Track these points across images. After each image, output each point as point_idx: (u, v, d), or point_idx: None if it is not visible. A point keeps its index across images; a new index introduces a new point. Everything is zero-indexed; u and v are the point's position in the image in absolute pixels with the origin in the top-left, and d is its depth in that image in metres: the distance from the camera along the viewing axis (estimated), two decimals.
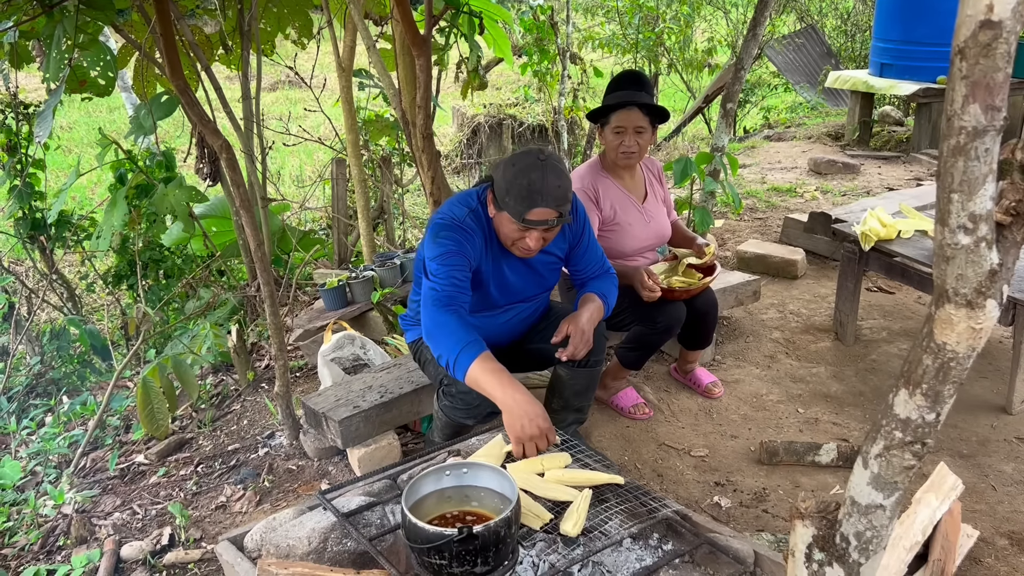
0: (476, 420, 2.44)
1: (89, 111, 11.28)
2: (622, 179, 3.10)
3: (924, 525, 2.25)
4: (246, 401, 3.52)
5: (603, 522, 1.95)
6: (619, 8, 8.11)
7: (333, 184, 5.22)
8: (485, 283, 2.44)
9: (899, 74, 6.61)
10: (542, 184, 2.16)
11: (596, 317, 2.47)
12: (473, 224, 2.34)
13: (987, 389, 3.30)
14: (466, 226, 2.32)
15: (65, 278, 5.08)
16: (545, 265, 2.53)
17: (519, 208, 2.18)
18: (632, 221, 3.06)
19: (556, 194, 2.18)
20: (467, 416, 2.43)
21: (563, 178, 2.21)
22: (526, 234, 2.25)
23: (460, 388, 2.38)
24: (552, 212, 2.19)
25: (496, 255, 2.42)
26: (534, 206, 2.17)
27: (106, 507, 2.83)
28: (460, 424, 2.48)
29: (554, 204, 2.18)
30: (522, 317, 2.61)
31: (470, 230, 2.32)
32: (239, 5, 3.73)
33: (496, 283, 2.46)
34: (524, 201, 2.17)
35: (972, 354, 1.15)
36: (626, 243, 3.07)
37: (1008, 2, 0.93)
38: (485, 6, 3.97)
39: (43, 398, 4.11)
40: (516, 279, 2.49)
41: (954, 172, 1.04)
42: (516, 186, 2.18)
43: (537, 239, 2.26)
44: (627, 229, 3.05)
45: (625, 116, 2.89)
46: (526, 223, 2.20)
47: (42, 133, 2.56)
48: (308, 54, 4.89)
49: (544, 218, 2.20)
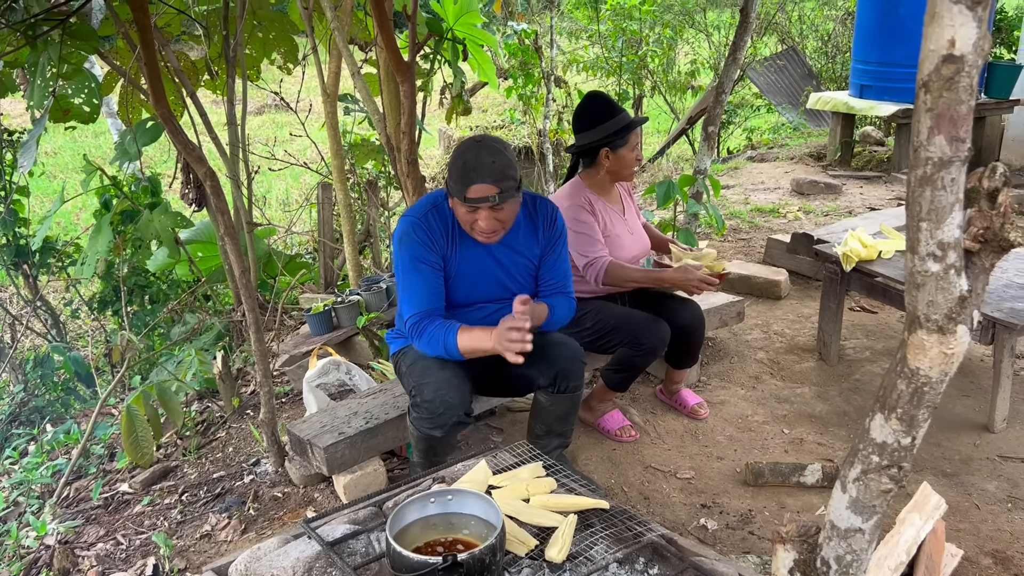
0: (443, 430, 2.42)
1: (74, 136, 11.27)
2: (606, 194, 3.15)
3: (908, 545, 2.26)
4: (231, 428, 3.50)
5: (589, 547, 1.95)
6: (602, 32, 8.20)
7: (319, 208, 5.24)
8: (453, 275, 2.51)
9: (878, 95, 6.70)
10: (476, 161, 2.28)
11: (540, 316, 2.52)
12: (433, 220, 2.46)
13: (969, 408, 3.33)
14: (425, 222, 2.44)
15: (49, 305, 5.06)
16: (516, 265, 2.57)
17: (459, 188, 2.30)
18: (620, 233, 3.13)
19: (491, 169, 2.27)
20: (433, 427, 2.42)
21: (498, 155, 2.30)
22: (476, 215, 2.34)
23: (424, 397, 2.42)
24: (491, 188, 2.28)
25: (463, 247, 2.50)
26: (471, 183, 2.28)
27: (89, 537, 2.80)
28: (429, 436, 2.47)
29: (490, 179, 2.27)
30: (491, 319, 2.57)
31: (427, 227, 2.44)
32: (225, 31, 3.75)
33: (465, 275, 2.52)
34: (462, 180, 2.29)
35: (945, 379, 1.17)
36: (619, 255, 3.11)
37: (969, 37, 0.96)
38: (469, 31, 4.01)
39: (26, 427, 4.08)
40: (485, 273, 2.54)
41: (922, 201, 1.06)
42: (454, 168, 2.32)
43: (487, 218, 2.34)
44: (617, 241, 3.11)
45: (637, 133, 3.06)
46: (468, 201, 2.30)
47: (26, 163, 2.56)
48: (294, 77, 4.92)
49: (483, 194, 2.28)
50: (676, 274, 2.99)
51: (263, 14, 3.90)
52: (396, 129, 3.64)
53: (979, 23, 0.95)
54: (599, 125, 3.01)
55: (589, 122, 3.04)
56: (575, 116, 3.11)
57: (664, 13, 9.21)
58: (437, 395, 2.40)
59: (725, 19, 10.85)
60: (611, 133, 3.00)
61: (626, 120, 3.02)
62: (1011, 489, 2.80)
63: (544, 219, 2.60)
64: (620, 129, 3.00)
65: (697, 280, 2.96)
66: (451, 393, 2.41)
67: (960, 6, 0.94)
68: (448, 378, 2.43)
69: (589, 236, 3.02)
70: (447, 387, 2.41)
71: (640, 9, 7.85)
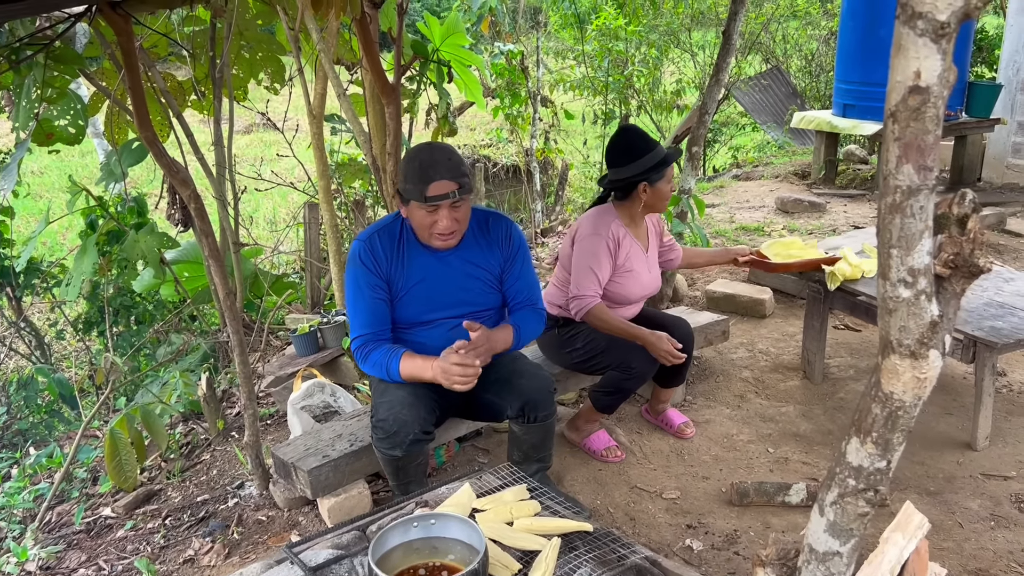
0: (402, 449, 2.41)
1: (61, 156, 11.24)
2: (634, 229, 3.16)
3: (892, 565, 2.26)
4: (216, 450, 3.48)
5: (572, 571, 1.94)
6: (589, 52, 8.27)
7: (306, 228, 5.24)
8: (407, 292, 2.52)
9: (861, 114, 6.78)
10: (432, 159, 2.33)
11: (504, 340, 2.54)
12: (379, 241, 2.50)
13: (952, 426, 3.35)
14: (370, 244, 2.49)
15: (34, 326, 5.03)
16: (474, 277, 2.58)
17: (419, 188, 2.33)
18: (639, 269, 3.15)
19: (448, 166, 2.33)
20: (391, 446, 2.42)
21: (452, 153, 2.38)
22: (436, 215, 2.37)
23: (379, 417, 2.44)
24: (451, 184, 2.33)
25: (415, 263, 2.52)
26: (430, 181, 2.32)
27: (71, 563, 2.78)
28: (391, 457, 2.46)
29: (449, 175, 2.32)
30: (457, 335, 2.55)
31: (371, 249, 2.49)
32: (211, 52, 3.77)
33: (421, 290, 2.53)
34: (420, 179, 2.32)
35: (918, 403, 1.19)
36: (633, 289, 3.14)
37: (934, 69, 0.98)
38: (456, 52, 4.04)
39: (9, 450, 4.04)
40: (442, 287, 2.54)
41: (892, 229, 1.08)
42: (410, 170, 2.35)
43: (447, 216, 2.38)
44: (635, 277, 3.13)
45: (672, 166, 3.07)
46: (429, 200, 2.33)
47: (7, 186, 2.56)
48: (281, 97, 4.94)
49: (444, 191, 2.33)
50: (650, 337, 2.97)
51: (250, 35, 3.91)
52: (382, 150, 3.65)
53: (943, 55, 0.97)
54: (637, 160, 3.01)
55: (626, 157, 3.03)
56: (609, 150, 3.09)
57: (650, 33, 9.29)
58: (391, 413, 2.41)
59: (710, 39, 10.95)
60: (649, 168, 3.01)
61: (662, 154, 3.03)
62: (994, 507, 2.82)
63: (500, 235, 2.62)
64: (658, 163, 3.01)
65: (664, 352, 2.95)
66: (405, 411, 2.41)
67: (925, 39, 0.96)
68: (403, 396, 2.44)
69: (594, 274, 3.03)
70: (401, 405, 2.42)
71: (626, 29, 7.91)
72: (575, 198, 8.57)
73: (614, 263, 3.08)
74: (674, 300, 4.71)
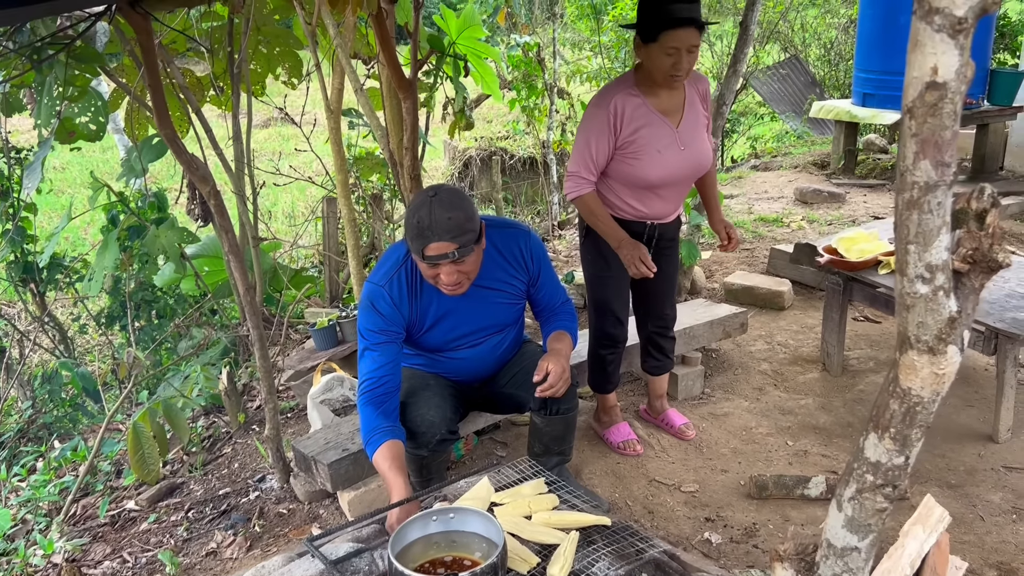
0: (428, 449, 2.43)
1: (82, 152, 11.34)
2: (657, 97, 2.70)
3: (912, 558, 2.25)
4: (237, 444, 3.52)
5: (590, 564, 1.95)
6: (605, 43, 8.23)
7: (324, 222, 5.27)
8: (431, 324, 2.46)
9: (881, 103, 6.70)
10: (430, 220, 2.16)
11: (568, 354, 2.52)
12: (397, 284, 2.37)
13: (974, 418, 3.32)
14: (389, 289, 2.36)
15: (57, 320, 5.10)
16: (492, 300, 2.50)
17: (417, 246, 2.21)
18: (661, 147, 2.69)
19: (447, 226, 2.16)
20: (417, 446, 2.43)
21: (454, 209, 2.18)
22: (437, 270, 2.25)
23: (406, 417, 2.42)
24: (448, 245, 2.18)
25: (435, 296, 2.42)
26: (428, 242, 2.18)
27: (96, 555, 2.82)
28: (417, 456, 2.47)
29: (448, 237, 2.17)
30: (483, 355, 2.59)
31: (390, 293, 2.36)
32: (229, 47, 3.79)
33: (444, 323, 2.47)
34: (418, 240, 2.20)
35: (937, 398, 1.18)
36: (650, 171, 2.71)
37: (951, 64, 0.98)
38: (472, 45, 4.04)
39: (34, 443, 4.10)
40: (462, 317, 2.49)
41: (909, 225, 1.08)
42: (410, 227, 2.21)
43: (450, 272, 2.23)
44: (653, 156, 2.69)
45: (682, 36, 2.50)
46: (427, 260, 2.21)
47: (31, 184, 2.60)
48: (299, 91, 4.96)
49: (441, 252, 2.18)
50: (626, 243, 2.72)
51: (267, 30, 3.94)
52: (399, 145, 3.66)
53: (961, 51, 0.96)
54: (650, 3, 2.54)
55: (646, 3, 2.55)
56: None
57: None
58: (418, 415, 2.42)
59: (728, 28, 10.87)
60: (644, 21, 2.55)
61: (672, 13, 2.48)
62: (1016, 500, 2.79)
63: (518, 255, 2.52)
64: (656, 20, 2.51)
65: (634, 261, 2.70)
66: (432, 412, 2.42)
67: (942, 34, 0.95)
68: (429, 397, 2.45)
69: (587, 152, 2.70)
70: (427, 406, 2.43)
71: None
72: None
73: (615, 139, 2.68)
74: (692, 292, 4.70)
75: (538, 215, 8.12)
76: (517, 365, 2.62)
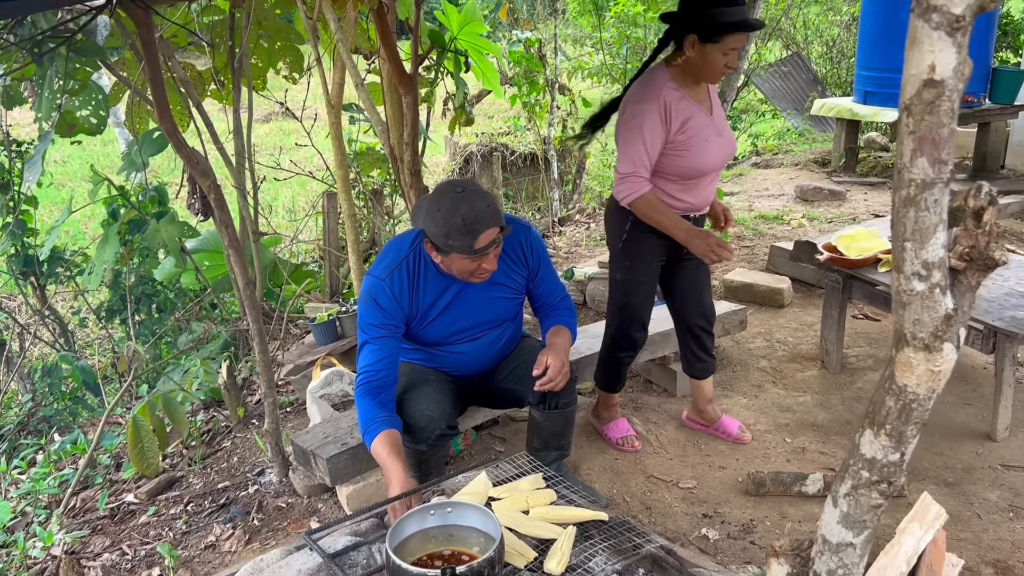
0: (427, 444, 2.44)
1: (83, 146, 11.34)
2: (692, 90, 2.74)
3: (909, 555, 2.26)
4: (236, 437, 3.53)
5: (587, 559, 1.96)
6: (607, 39, 8.23)
7: (324, 217, 5.27)
8: (432, 319, 2.48)
9: (882, 101, 6.69)
10: (475, 213, 2.23)
11: (567, 349, 2.53)
12: (398, 279, 2.40)
13: (972, 416, 3.32)
14: (390, 283, 2.39)
15: (57, 314, 5.10)
16: (493, 295, 2.54)
17: (467, 242, 2.24)
18: (707, 135, 2.73)
19: (489, 213, 2.26)
20: (416, 441, 2.44)
21: (487, 197, 2.30)
22: (482, 260, 2.31)
23: (406, 412, 2.43)
24: (495, 231, 2.28)
25: (437, 291, 2.46)
26: (478, 234, 2.24)
27: (95, 548, 2.83)
28: (416, 451, 2.48)
29: (493, 223, 2.26)
30: (482, 349, 2.60)
31: (391, 288, 2.39)
32: (230, 42, 3.79)
33: (445, 316, 2.50)
34: (468, 235, 2.24)
35: (932, 395, 1.19)
36: (704, 159, 2.74)
37: (949, 62, 0.98)
38: (474, 41, 4.04)
39: (34, 436, 4.12)
40: (465, 310, 2.52)
41: (906, 222, 1.08)
42: (453, 226, 2.23)
43: (492, 259, 2.34)
44: (702, 145, 2.72)
45: (741, 37, 2.60)
46: (477, 252, 2.26)
47: (31, 177, 2.60)
48: (300, 86, 4.96)
49: (491, 239, 2.27)
50: (698, 235, 2.69)
51: (268, 25, 3.93)
52: (399, 140, 3.67)
53: (959, 49, 0.96)
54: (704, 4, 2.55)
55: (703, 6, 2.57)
56: None
57: None
58: (417, 410, 2.42)
59: None
60: (709, 23, 2.55)
61: (735, 16, 2.53)
62: (1013, 498, 2.80)
63: (519, 249, 2.55)
64: (722, 24, 2.53)
65: (714, 245, 2.66)
66: (432, 407, 2.43)
67: (940, 32, 0.95)
68: (429, 393, 2.46)
69: (642, 149, 2.66)
70: (428, 402, 2.43)
71: (644, 16, 7.87)
72: (593, 187, 8.54)
73: (667, 133, 2.68)
74: None
75: (538, 211, 8.12)
76: (516, 360, 2.63)
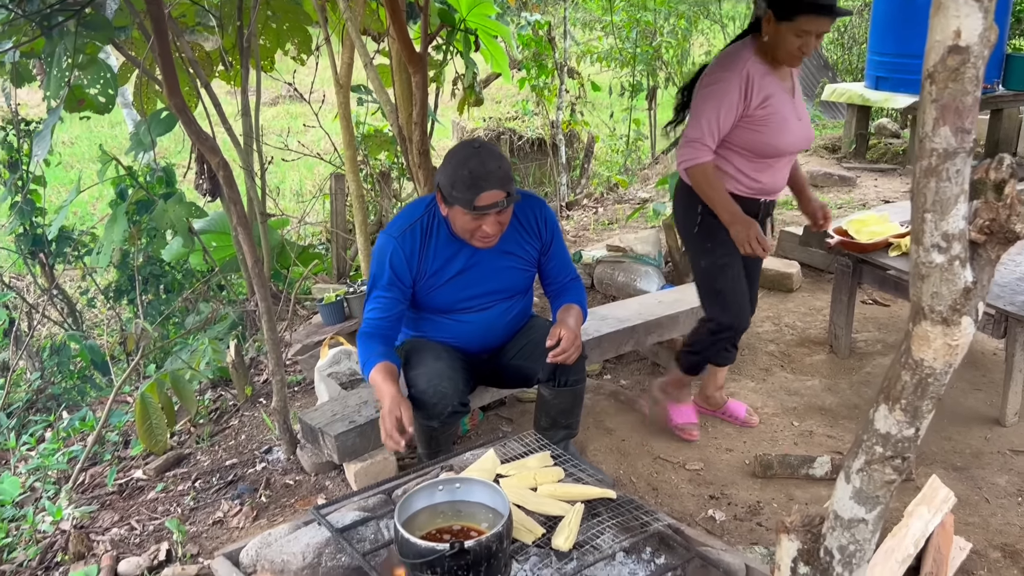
0: (439, 420, 2.44)
1: (91, 126, 11.33)
2: (776, 69, 2.70)
3: (916, 538, 2.26)
4: (244, 416, 3.54)
5: (595, 536, 1.96)
6: (617, 22, 8.17)
7: (332, 199, 5.26)
8: (441, 283, 2.49)
9: (894, 87, 6.64)
10: (483, 170, 2.25)
11: (579, 324, 2.53)
12: (410, 238, 2.44)
13: (981, 401, 3.31)
14: (401, 242, 2.43)
15: (66, 293, 5.12)
16: (505, 265, 2.55)
17: (467, 196, 2.25)
18: (787, 115, 2.69)
19: (499, 175, 2.26)
20: (428, 417, 2.44)
21: (501, 159, 2.30)
22: (482, 221, 2.31)
23: (418, 388, 2.44)
24: (499, 193, 2.26)
25: (449, 255, 2.47)
26: (481, 191, 2.25)
27: (104, 523, 2.84)
28: (427, 427, 2.48)
29: (499, 185, 2.26)
30: (491, 320, 2.60)
31: (402, 247, 2.43)
32: (239, 22, 3.77)
33: (455, 282, 2.50)
34: (471, 189, 2.25)
35: (949, 370, 1.18)
36: (782, 138, 2.69)
37: (975, 28, 0.96)
38: (483, 23, 4.01)
39: (43, 413, 4.13)
40: (475, 278, 2.52)
41: (927, 192, 1.06)
42: (459, 177, 2.26)
43: (493, 223, 2.32)
44: (781, 123, 2.67)
45: (817, 22, 2.52)
46: (477, 210, 2.26)
47: (40, 152, 2.60)
48: (308, 68, 4.94)
49: (493, 200, 2.26)
50: (742, 222, 2.64)
51: (277, 5, 3.91)
52: (408, 120, 3.65)
53: (985, 13, 0.94)
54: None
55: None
56: None
57: (679, 3, 9.15)
58: (430, 386, 2.42)
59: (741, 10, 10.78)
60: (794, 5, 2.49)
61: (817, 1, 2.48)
62: (1021, 483, 2.79)
63: (533, 222, 2.57)
64: (795, 2, 2.48)
65: (753, 237, 2.62)
66: (444, 383, 2.42)
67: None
68: (441, 369, 2.45)
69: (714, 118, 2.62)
70: (439, 378, 2.43)
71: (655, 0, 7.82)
72: (601, 171, 8.51)
73: (746, 106, 2.63)
74: None
75: (546, 196, 8.10)
76: (525, 338, 2.62)
